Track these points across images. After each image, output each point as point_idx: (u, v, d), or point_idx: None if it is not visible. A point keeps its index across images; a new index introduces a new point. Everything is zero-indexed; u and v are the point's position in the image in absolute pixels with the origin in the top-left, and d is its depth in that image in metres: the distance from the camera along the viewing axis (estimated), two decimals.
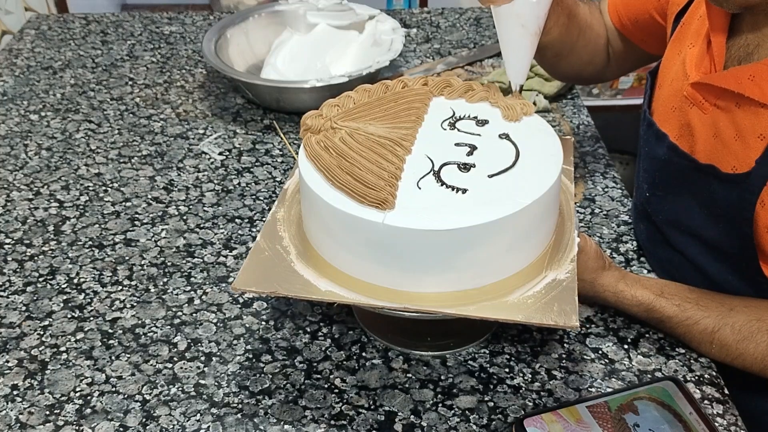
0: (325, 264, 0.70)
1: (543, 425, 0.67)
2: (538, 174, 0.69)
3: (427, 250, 0.64)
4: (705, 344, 0.75)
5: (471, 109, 0.79)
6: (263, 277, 0.68)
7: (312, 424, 0.71)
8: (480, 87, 0.81)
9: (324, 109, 0.76)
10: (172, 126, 1.17)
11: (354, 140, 0.71)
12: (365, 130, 0.73)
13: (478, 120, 0.76)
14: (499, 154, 0.71)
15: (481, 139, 0.73)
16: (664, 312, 0.76)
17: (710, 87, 0.74)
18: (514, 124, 0.76)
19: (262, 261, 0.70)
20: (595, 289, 0.78)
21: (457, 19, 1.50)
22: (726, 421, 0.71)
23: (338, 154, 0.69)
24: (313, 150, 0.71)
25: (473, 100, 0.80)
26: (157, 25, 1.50)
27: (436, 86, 0.82)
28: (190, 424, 0.71)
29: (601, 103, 2.03)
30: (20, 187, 1.03)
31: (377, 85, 0.80)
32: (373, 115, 0.76)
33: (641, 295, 0.76)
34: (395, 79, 0.82)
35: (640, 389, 0.71)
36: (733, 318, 0.73)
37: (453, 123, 0.76)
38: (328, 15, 1.31)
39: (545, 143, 0.73)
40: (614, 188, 1.02)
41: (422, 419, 0.71)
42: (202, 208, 0.99)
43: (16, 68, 1.33)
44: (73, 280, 0.87)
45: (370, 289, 0.67)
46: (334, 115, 0.75)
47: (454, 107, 0.79)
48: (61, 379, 0.75)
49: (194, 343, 0.79)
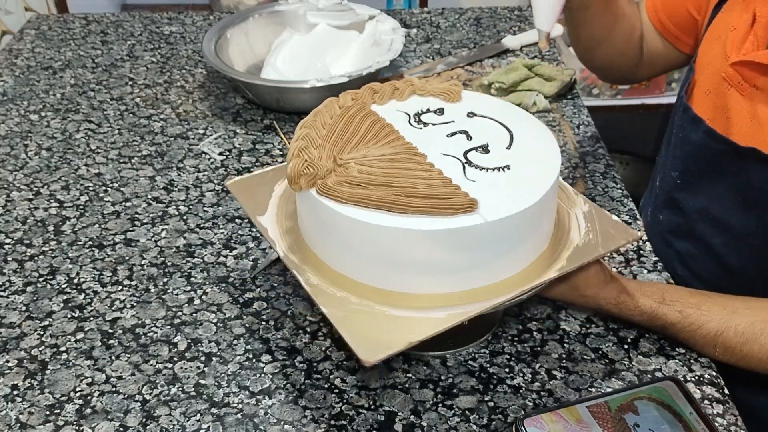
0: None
1: (543, 425, 0.67)
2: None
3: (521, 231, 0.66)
4: (709, 347, 0.75)
5: (414, 104, 0.79)
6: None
7: (312, 424, 0.71)
8: (402, 83, 0.80)
9: (305, 154, 0.69)
10: (172, 126, 1.17)
11: (375, 167, 0.68)
12: (371, 155, 0.70)
13: (436, 110, 0.77)
14: (490, 130, 0.75)
15: (461, 123, 0.75)
16: (667, 319, 0.75)
17: (752, 65, 0.73)
18: (466, 102, 0.79)
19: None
20: (597, 303, 0.77)
21: (457, 19, 1.50)
22: (726, 421, 0.71)
23: (379, 184, 0.65)
24: (344, 192, 0.65)
25: (404, 97, 0.80)
26: (157, 25, 1.50)
27: (365, 97, 0.79)
28: (190, 424, 0.71)
29: (601, 103, 2.02)
30: (20, 187, 1.03)
31: (315, 116, 0.76)
32: (353, 141, 0.72)
33: (643, 304, 0.76)
34: (323, 104, 0.77)
35: (640, 389, 0.71)
36: (736, 320, 0.73)
37: (420, 121, 0.76)
38: (328, 15, 1.31)
39: (513, 111, 0.79)
40: (614, 188, 1.02)
41: (422, 419, 0.71)
42: (202, 208, 0.99)
43: (16, 68, 1.33)
44: (73, 280, 0.87)
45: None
46: (325, 155, 0.70)
47: (401, 108, 0.78)
48: (61, 379, 0.75)
49: (194, 343, 0.79)
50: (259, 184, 0.81)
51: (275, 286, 0.86)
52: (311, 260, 0.71)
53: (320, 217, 0.68)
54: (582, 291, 0.75)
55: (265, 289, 0.86)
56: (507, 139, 0.74)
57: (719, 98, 0.79)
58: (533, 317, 0.82)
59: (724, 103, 0.78)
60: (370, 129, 0.74)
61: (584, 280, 0.75)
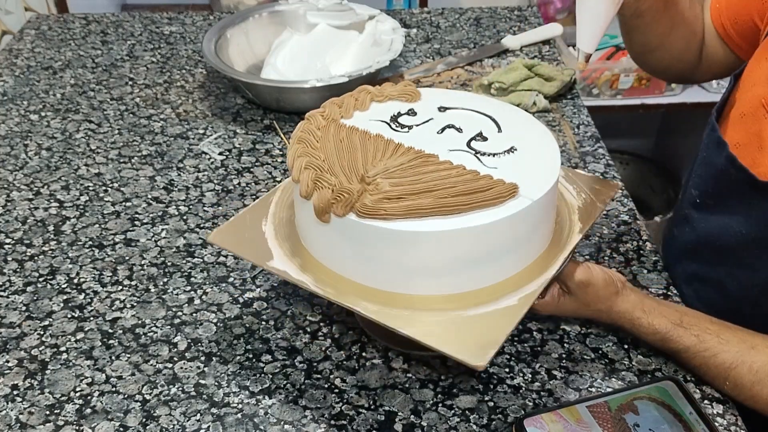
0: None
1: (543, 425, 0.67)
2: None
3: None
4: (719, 379, 0.72)
5: (382, 111, 0.79)
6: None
7: (312, 424, 0.71)
8: (360, 93, 0.80)
9: (325, 182, 0.66)
10: (172, 126, 1.17)
11: (403, 177, 0.67)
12: (391, 166, 0.68)
13: (407, 111, 0.77)
14: (472, 120, 0.76)
15: (441, 118, 0.77)
16: (682, 342, 0.72)
17: None
18: (430, 98, 0.80)
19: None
20: (611, 316, 0.75)
21: (457, 19, 1.50)
22: (726, 421, 0.71)
23: (420, 191, 0.65)
24: (389, 208, 0.64)
25: (366, 106, 0.79)
26: (157, 25, 1.50)
27: (333, 113, 0.77)
28: (190, 424, 0.71)
29: (601, 103, 2.02)
30: (20, 187, 1.03)
31: (301, 143, 0.73)
32: (361, 158, 0.70)
33: (659, 324, 0.73)
34: (300, 128, 0.75)
35: (640, 389, 0.71)
36: (753, 357, 0.70)
37: (400, 124, 0.76)
38: (328, 15, 1.31)
39: (477, 98, 0.81)
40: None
41: (422, 419, 0.71)
42: (202, 208, 0.99)
43: (16, 68, 1.33)
44: (73, 280, 0.87)
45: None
46: (345, 178, 0.67)
47: (372, 117, 0.78)
48: (61, 379, 0.75)
49: (194, 343, 0.79)
50: (244, 229, 0.76)
51: (275, 286, 0.86)
52: (347, 288, 0.68)
53: (364, 241, 0.65)
54: (594, 306, 0.74)
55: (265, 289, 0.86)
56: (492, 123, 0.76)
57: (755, 124, 0.74)
58: (533, 317, 0.82)
59: (759, 130, 0.74)
60: (365, 143, 0.72)
61: (593, 294, 0.73)
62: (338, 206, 0.64)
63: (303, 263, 0.70)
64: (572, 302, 0.75)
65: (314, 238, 0.70)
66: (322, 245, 0.70)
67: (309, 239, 0.71)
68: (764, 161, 0.73)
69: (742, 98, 0.79)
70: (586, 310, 0.75)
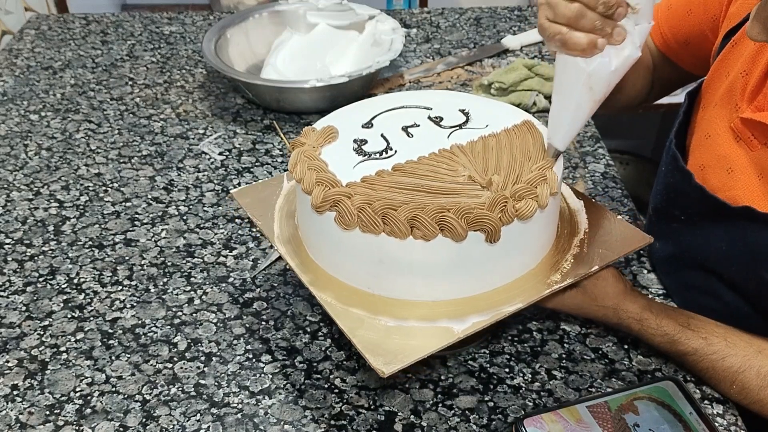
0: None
1: (543, 425, 0.67)
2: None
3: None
4: (726, 383, 0.71)
5: (344, 137, 0.75)
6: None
7: (312, 424, 0.71)
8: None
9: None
10: (172, 126, 1.17)
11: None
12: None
13: (365, 123, 0.77)
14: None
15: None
16: (690, 344, 0.71)
17: (764, 126, 0.69)
18: (353, 121, 0.78)
19: None
20: (618, 315, 0.74)
21: (457, 19, 1.50)
22: (726, 421, 0.71)
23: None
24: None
25: (332, 138, 0.74)
26: (157, 25, 1.50)
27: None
28: (190, 424, 0.71)
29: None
30: (20, 187, 1.03)
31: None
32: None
33: (667, 325, 0.72)
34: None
35: (640, 389, 0.71)
36: (761, 361, 0.69)
37: (377, 132, 0.75)
38: (328, 15, 1.31)
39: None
40: (614, 188, 1.02)
41: (422, 419, 0.71)
42: (202, 208, 0.99)
43: (16, 68, 1.33)
44: (73, 280, 0.87)
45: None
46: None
47: (343, 142, 0.74)
48: (61, 379, 0.75)
49: (194, 343, 0.79)
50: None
51: (275, 286, 0.86)
52: (381, 304, 0.69)
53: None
54: (601, 301, 0.73)
55: (265, 289, 0.86)
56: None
57: (722, 146, 0.73)
58: (533, 317, 0.82)
59: (726, 153, 0.72)
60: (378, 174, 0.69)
61: (602, 289, 0.72)
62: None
63: (303, 260, 0.73)
64: (578, 295, 0.73)
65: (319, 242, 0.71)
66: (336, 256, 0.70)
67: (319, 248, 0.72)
68: (735, 184, 0.72)
69: (705, 118, 0.78)
70: (592, 305, 0.73)
